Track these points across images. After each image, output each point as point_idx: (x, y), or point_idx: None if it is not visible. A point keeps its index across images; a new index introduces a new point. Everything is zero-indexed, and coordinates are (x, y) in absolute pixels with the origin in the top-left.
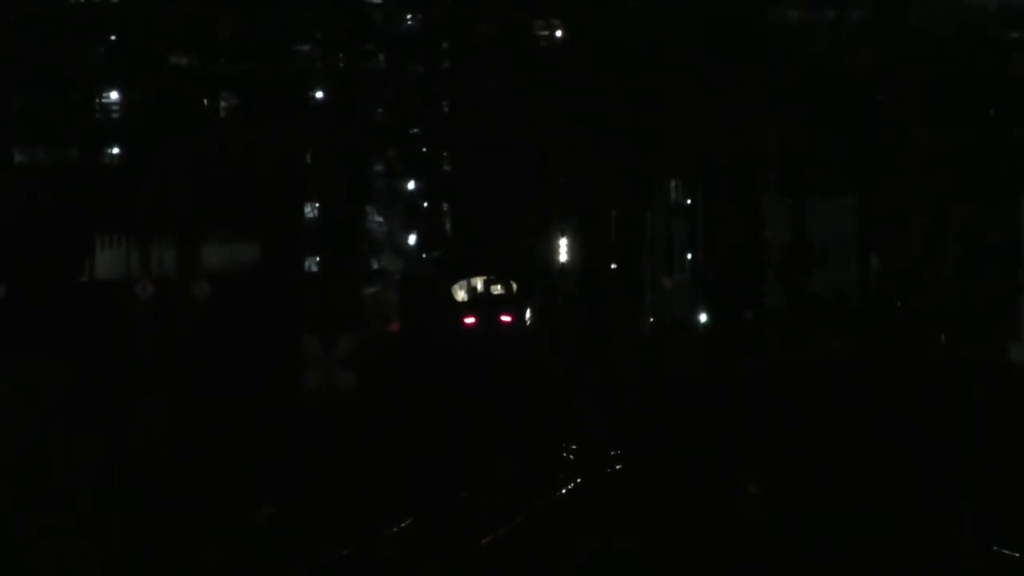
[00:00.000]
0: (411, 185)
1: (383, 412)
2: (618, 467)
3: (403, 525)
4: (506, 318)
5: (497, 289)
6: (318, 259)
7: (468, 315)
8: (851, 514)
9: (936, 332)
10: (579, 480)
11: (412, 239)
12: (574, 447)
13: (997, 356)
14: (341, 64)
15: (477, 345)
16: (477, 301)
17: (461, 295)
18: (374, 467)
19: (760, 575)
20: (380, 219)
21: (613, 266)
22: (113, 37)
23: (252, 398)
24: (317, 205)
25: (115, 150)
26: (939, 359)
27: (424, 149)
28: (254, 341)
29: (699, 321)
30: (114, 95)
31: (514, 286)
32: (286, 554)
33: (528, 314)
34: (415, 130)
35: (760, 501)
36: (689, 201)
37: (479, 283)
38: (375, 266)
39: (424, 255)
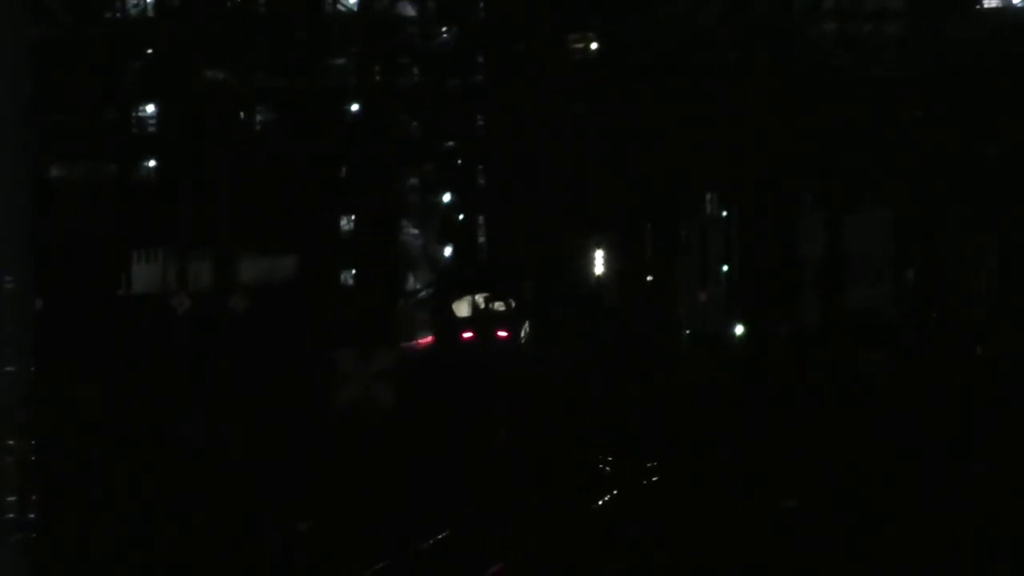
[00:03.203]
0: (446, 198)
1: (413, 426)
2: (655, 479)
3: (436, 539)
4: (503, 333)
5: (499, 306)
6: (354, 272)
7: (466, 330)
8: (888, 526)
9: (972, 345)
10: (615, 492)
11: (447, 251)
12: (610, 458)
13: None
14: (376, 78)
15: (506, 359)
16: (476, 317)
17: (462, 311)
18: (403, 479)
19: None
20: (415, 232)
21: (649, 278)
22: (150, 51)
23: (288, 410)
24: (353, 218)
25: (152, 164)
26: (975, 372)
27: (459, 162)
28: (290, 354)
29: (734, 334)
30: (151, 109)
31: (512, 303)
32: (321, 569)
33: (525, 330)
34: (450, 143)
35: (795, 515)
36: (724, 214)
37: (481, 300)
38: (411, 282)
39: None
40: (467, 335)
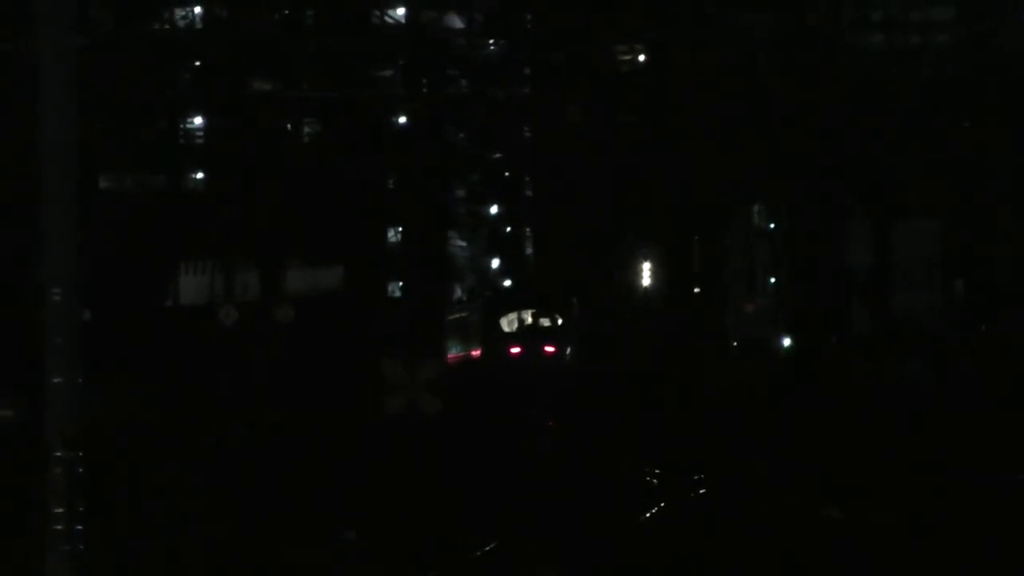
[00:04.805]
0: (494, 209)
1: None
2: (702, 491)
3: (486, 549)
4: (550, 348)
5: (546, 321)
6: (401, 283)
7: (514, 345)
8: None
9: (1021, 355)
10: (662, 504)
11: (494, 263)
12: (657, 470)
13: None
14: (424, 89)
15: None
16: (523, 332)
17: (509, 327)
18: (451, 489)
19: None
20: (462, 243)
21: (696, 290)
22: (197, 63)
23: (336, 420)
24: (400, 230)
25: (199, 176)
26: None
27: (506, 174)
28: (337, 365)
29: (783, 344)
30: (198, 121)
31: (559, 319)
32: None
33: (570, 347)
34: (497, 155)
35: (842, 525)
36: (772, 225)
37: (528, 315)
38: (457, 293)
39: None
40: (515, 350)
